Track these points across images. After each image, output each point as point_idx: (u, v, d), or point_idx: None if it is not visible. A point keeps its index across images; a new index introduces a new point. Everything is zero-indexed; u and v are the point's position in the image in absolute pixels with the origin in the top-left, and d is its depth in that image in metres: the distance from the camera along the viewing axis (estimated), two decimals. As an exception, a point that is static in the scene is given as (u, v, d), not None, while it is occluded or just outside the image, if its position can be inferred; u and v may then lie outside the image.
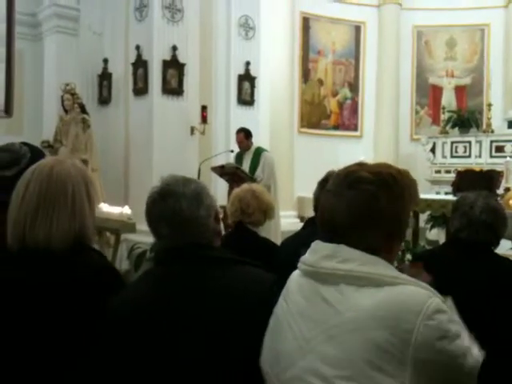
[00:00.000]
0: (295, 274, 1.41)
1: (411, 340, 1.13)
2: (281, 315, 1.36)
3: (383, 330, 1.15)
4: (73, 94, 7.48)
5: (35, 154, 2.16)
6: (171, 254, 1.56)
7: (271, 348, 1.36)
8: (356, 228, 1.27)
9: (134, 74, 7.62)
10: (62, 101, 7.58)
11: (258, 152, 6.88)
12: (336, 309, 1.22)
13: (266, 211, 3.04)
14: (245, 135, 6.92)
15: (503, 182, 6.83)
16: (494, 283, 2.22)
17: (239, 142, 6.95)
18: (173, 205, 1.55)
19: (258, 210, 2.99)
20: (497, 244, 2.43)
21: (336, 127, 11.46)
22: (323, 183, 2.59)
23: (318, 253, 1.31)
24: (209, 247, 1.57)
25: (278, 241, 5.27)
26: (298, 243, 2.27)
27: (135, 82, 7.62)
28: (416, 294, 1.19)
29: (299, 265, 1.38)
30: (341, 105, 11.52)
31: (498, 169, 7.40)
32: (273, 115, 9.04)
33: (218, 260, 1.54)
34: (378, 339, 1.15)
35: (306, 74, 11.16)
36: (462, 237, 2.36)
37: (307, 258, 1.35)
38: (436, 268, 1.33)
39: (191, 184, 1.59)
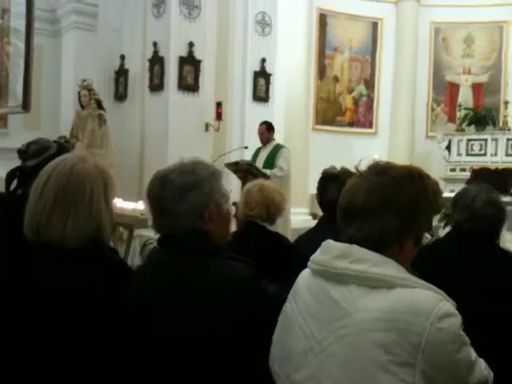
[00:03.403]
0: (305, 272, 1.41)
1: (421, 343, 1.14)
2: (290, 314, 1.36)
3: (393, 332, 1.15)
4: (90, 90, 7.54)
5: (61, 149, 2.23)
6: (162, 241, 1.60)
7: (281, 347, 1.36)
8: (373, 210, 1.26)
9: (151, 70, 7.68)
10: (79, 96, 7.65)
11: (277, 148, 6.89)
12: (346, 310, 1.22)
13: (270, 208, 2.95)
14: (266, 128, 6.96)
15: (519, 180, 6.78)
16: (496, 274, 2.23)
17: (260, 134, 6.97)
18: (159, 192, 1.56)
19: (260, 204, 2.92)
20: (497, 236, 2.45)
21: (351, 124, 11.42)
22: (328, 182, 2.62)
23: (330, 252, 1.30)
24: (192, 239, 1.53)
25: (288, 237, 5.30)
26: (316, 240, 2.30)
27: (151, 79, 7.67)
28: (427, 297, 1.19)
29: (309, 264, 1.37)
30: (356, 102, 11.48)
31: (514, 167, 7.35)
32: (288, 112, 9.03)
33: (192, 252, 1.52)
34: (387, 341, 1.15)
35: (321, 71, 11.13)
36: (464, 228, 2.37)
37: (318, 257, 1.34)
38: (439, 258, 1.34)
39: (190, 176, 1.55)
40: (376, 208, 1.26)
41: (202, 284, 1.44)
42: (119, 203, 5.34)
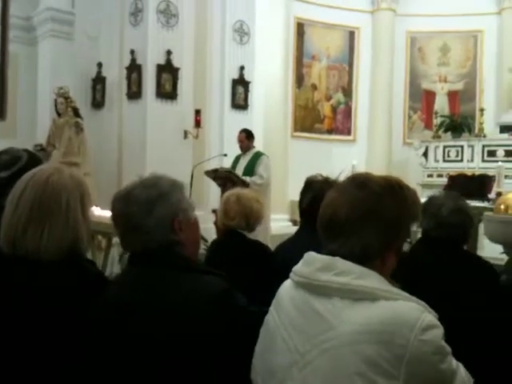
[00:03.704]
0: (287, 284, 1.39)
1: (405, 355, 1.13)
2: (273, 327, 1.34)
3: (377, 345, 1.14)
4: (66, 98, 7.48)
5: (32, 159, 2.19)
6: (130, 258, 1.58)
7: (263, 361, 1.35)
8: (355, 225, 1.25)
9: (128, 78, 7.65)
10: (56, 104, 7.57)
11: (257, 155, 6.89)
12: (330, 322, 1.20)
13: (249, 218, 2.91)
14: (246, 136, 6.95)
15: (495, 186, 6.87)
16: (464, 280, 2.27)
17: (240, 142, 6.96)
18: (123, 209, 1.54)
19: (239, 214, 2.88)
20: (465, 242, 2.48)
21: (329, 131, 11.50)
22: (303, 191, 2.63)
23: (313, 264, 1.28)
24: (160, 254, 1.52)
25: (267, 244, 5.28)
26: (297, 250, 2.29)
27: (129, 86, 7.64)
28: (410, 309, 1.19)
29: (291, 275, 1.36)
30: (334, 109, 11.57)
31: (490, 173, 7.46)
32: (267, 119, 9.06)
33: (164, 268, 1.51)
34: (371, 354, 1.14)
35: (299, 79, 11.20)
36: (432, 236, 2.40)
37: (300, 269, 1.33)
38: (409, 266, 1.34)
39: (154, 189, 1.54)
40: (358, 225, 1.26)
41: (174, 300, 1.43)
42: (97, 211, 5.27)
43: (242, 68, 8.52)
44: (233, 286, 1.50)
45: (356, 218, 1.26)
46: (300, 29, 11.09)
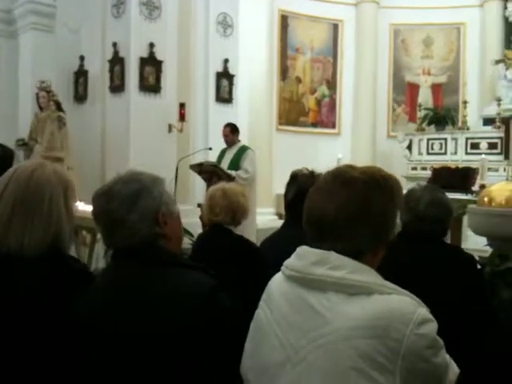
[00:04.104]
0: (277, 278, 1.38)
1: (400, 349, 1.14)
2: (264, 322, 1.33)
3: (372, 340, 1.14)
4: (48, 92, 7.37)
5: (4, 152, 2.17)
6: (113, 255, 1.56)
7: (255, 356, 1.33)
8: (346, 227, 1.25)
9: (111, 71, 7.57)
10: (37, 98, 7.46)
11: (242, 149, 6.88)
12: (325, 317, 1.19)
13: (236, 213, 2.90)
14: (231, 130, 6.95)
15: (478, 178, 6.92)
16: (442, 272, 2.28)
17: (225, 136, 6.96)
18: (105, 206, 1.52)
19: (225, 210, 2.87)
20: (444, 234, 2.50)
21: (314, 125, 11.51)
22: (288, 184, 2.63)
23: (306, 258, 1.27)
24: (144, 249, 1.50)
25: (253, 238, 5.28)
26: (283, 244, 2.27)
27: (112, 80, 7.56)
28: (405, 304, 1.19)
29: (283, 269, 1.34)
30: (319, 102, 11.57)
31: (474, 166, 7.50)
32: (251, 113, 9.05)
33: (150, 263, 1.49)
34: (367, 348, 1.14)
35: (284, 72, 11.18)
36: (411, 229, 2.41)
37: (293, 262, 1.31)
38: (390, 260, 1.34)
39: (135, 183, 1.53)
40: (348, 226, 1.25)
41: (161, 295, 1.42)
42: (81, 206, 5.22)
43: (226, 61, 8.49)
44: (220, 283, 1.48)
45: (345, 220, 1.25)
46: (284, 21, 11.07)
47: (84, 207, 5.44)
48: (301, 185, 2.46)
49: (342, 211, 1.25)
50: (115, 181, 1.55)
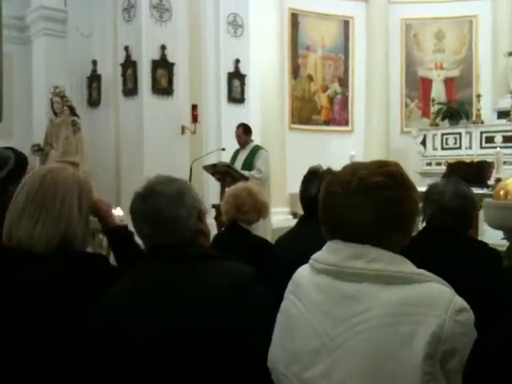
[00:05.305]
0: (304, 271, 1.39)
1: (442, 335, 1.15)
2: (294, 313, 1.34)
3: (412, 325, 1.15)
4: (62, 97, 7.45)
5: (19, 158, 2.21)
6: (151, 254, 1.58)
7: (285, 347, 1.34)
8: (375, 233, 1.27)
9: (124, 74, 7.62)
10: (52, 104, 7.55)
11: (255, 150, 6.87)
12: (363, 304, 1.21)
13: (261, 210, 3.07)
14: (243, 130, 6.92)
15: (494, 172, 6.87)
16: (468, 268, 2.25)
17: (238, 137, 6.95)
18: (153, 205, 1.55)
19: (252, 208, 3.02)
20: (469, 227, 2.48)
21: (327, 122, 11.47)
22: (308, 180, 2.61)
23: (341, 252, 1.28)
24: (188, 245, 1.56)
25: (269, 237, 5.29)
26: (297, 241, 2.26)
27: (125, 83, 7.61)
28: (443, 291, 1.21)
29: (313, 263, 1.35)
30: (331, 100, 11.53)
31: (489, 159, 7.45)
32: (263, 112, 9.05)
33: (197, 257, 1.54)
34: (407, 335, 1.15)
35: (295, 70, 11.16)
36: (435, 223, 2.39)
37: (326, 257, 1.32)
38: (410, 256, 1.34)
39: (174, 184, 1.60)
40: (377, 231, 1.27)
41: (211, 285, 1.46)
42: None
43: (237, 61, 8.50)
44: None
45: (375, 227, 1.27)
46: (294, 19, 11.04)
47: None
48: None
49: (374, 220, 1.27)
50: (152, 183, 1.61)
